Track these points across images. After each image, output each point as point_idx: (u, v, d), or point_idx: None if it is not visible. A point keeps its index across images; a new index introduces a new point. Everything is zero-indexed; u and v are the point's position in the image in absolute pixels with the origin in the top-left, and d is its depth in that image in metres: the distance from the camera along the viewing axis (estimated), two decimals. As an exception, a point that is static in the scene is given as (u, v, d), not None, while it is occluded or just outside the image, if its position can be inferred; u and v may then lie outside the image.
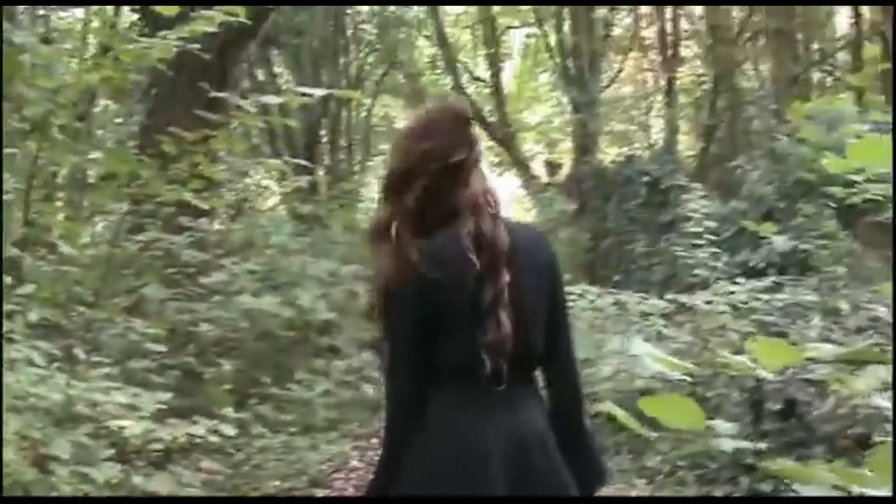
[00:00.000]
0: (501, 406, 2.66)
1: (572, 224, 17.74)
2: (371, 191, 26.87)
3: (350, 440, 8.33)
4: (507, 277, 2.61)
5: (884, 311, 8.06)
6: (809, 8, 20.02)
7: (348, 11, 22.45)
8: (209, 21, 4.99)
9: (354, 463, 7.76)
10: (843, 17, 21.36)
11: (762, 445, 5.21)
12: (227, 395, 7.59)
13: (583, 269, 14.97)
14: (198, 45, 5.18)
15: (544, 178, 24.78)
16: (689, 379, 7.68)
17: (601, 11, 22.42)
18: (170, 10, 4.59)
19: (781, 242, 8.90)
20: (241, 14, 4.89)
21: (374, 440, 8.50)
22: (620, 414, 1.72)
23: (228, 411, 5.92)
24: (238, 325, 8.49)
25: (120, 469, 4.21)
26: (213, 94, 6.10)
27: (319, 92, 5.92)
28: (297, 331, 9.48)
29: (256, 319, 8.70)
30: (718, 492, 6.00)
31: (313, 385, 8.94)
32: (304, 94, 5.55)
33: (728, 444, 4.86)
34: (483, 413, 2.65)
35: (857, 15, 19.20)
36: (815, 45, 21.78)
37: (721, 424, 2.26)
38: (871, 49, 7.95)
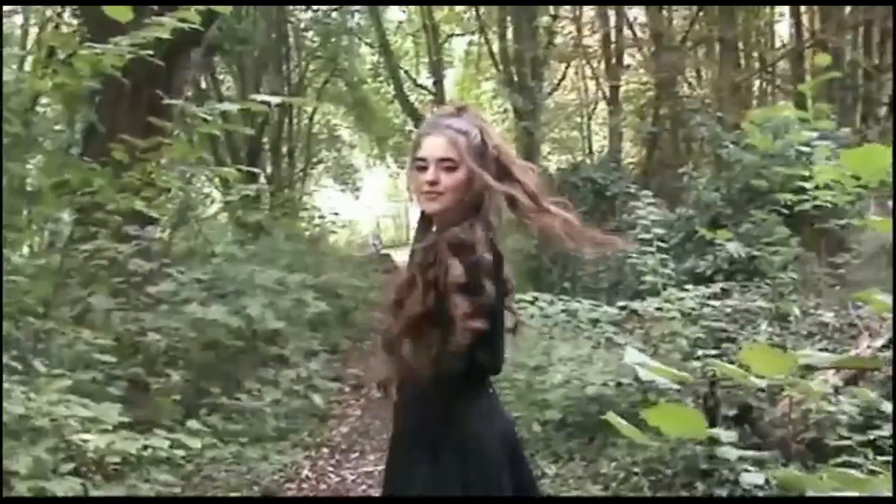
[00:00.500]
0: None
1: (518, 231, 17.74)
2: (313, 199, 26.86)
3: (301, 450, 8.26)
4: None
5: (830, 317, 8.18)
6: (750, 16, 20.31)
7: (291, 19, 22.37)
8: (162, 28, 4.92)
9: (306, 473, 7.69)
10: (784, 27, 21.72)
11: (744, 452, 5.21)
12: (176, 405, 7.51)
13: (529, 277, 14.98)
14: (150, 52, 5.11)
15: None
16: (636, 385, 7.75)
17: (544, 19, 22.52)
18: (123, 16, 4.50)
19: (735, 248, 8.98)
20: (196, 21, 4.83)
21: (325, 450, 8.47)
22: (621, 423, 1.71)
23: (192, 423, 5.85)
24: (185, 334, 8.39)
25: (79, 483, 4.14)
26: (164, 100, 6.04)
27: (275, 99, 5.86)
28: (245, 340, 9.40)
29: (204, 329, 8.61)
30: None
31: (262, 395, 8.86)
32: (263, 102, 5.48)
33: (732, 454, 4.92)
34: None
35: (798, 24, 19.52)
36: (756, 54, 22.08)
37: (722, 433, 2.26)
38: (823, 58, 7.98)
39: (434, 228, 3.06)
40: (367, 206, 38.44)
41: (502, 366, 3.13)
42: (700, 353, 7.30)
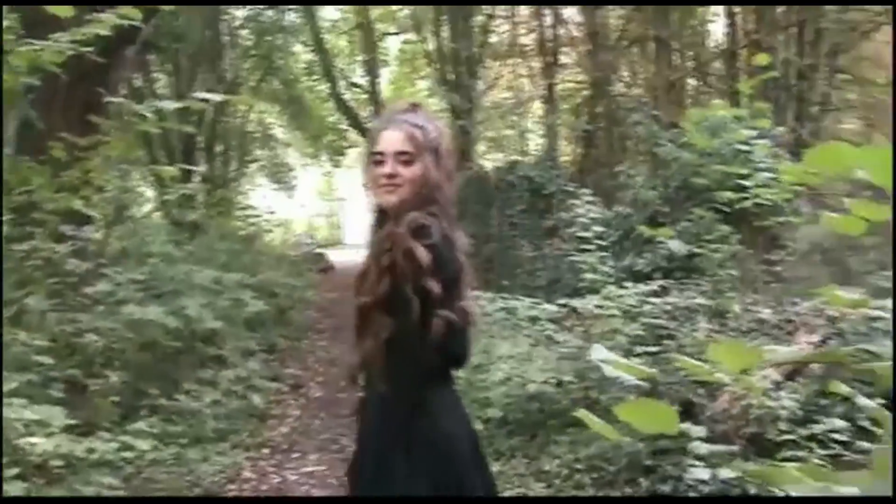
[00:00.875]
0: None
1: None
2: (248, 198, 26.64)
3: (241, 451, 8.20)
4: None
5: (768, 313, 8.27)
6: (685, 16, 20.51)
7: (225, 17, 22.17)
8: (102, 24, 4.85)
9: (247, 474, 7.64)
10: (718, 27, 21.95)
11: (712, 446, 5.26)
12: (114, 407, 7.41)
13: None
14: (90, 48, 5.03)
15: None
16: (577, 383, 7.79)
17: (479, 18, 22.56)
18: (64, 12, 4.43)
19: (675, 246, 9.06)
20: (138, 18, 4.76)
21: (266, 450, 8.41)
22: (594, 421, 1.71)
23: (137, 425, 5.77)
24: (122, 335, 8.28)
25: (23, 486, 4.07)
26: (100, 98, 5.95)
27: (214, 97, 5.80)
28: (183, 340, 9.31)
29: (141, 330, 8.51)
30: (617, 494, 6.06)
31: (201, 395, 8.79)
32: (202, 100, 5.43)
33: (704, 448, 4.98)
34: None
35: (733, 24, 19.75)
36: (691, 53, 22.29)
37: (693, 429, 2.27)
38: (762, 57, 8.10)
39: (391, 222, 3.07)
40: (302, 204, 38.27)
41: (470, 357, 3.18)
42: (640, 350, 7.37)
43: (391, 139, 3.05)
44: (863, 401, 2.14)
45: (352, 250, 24.37)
